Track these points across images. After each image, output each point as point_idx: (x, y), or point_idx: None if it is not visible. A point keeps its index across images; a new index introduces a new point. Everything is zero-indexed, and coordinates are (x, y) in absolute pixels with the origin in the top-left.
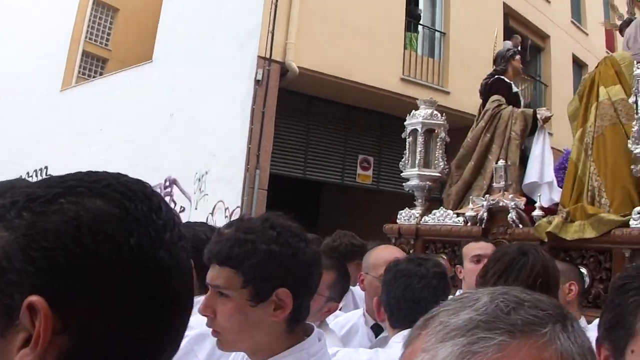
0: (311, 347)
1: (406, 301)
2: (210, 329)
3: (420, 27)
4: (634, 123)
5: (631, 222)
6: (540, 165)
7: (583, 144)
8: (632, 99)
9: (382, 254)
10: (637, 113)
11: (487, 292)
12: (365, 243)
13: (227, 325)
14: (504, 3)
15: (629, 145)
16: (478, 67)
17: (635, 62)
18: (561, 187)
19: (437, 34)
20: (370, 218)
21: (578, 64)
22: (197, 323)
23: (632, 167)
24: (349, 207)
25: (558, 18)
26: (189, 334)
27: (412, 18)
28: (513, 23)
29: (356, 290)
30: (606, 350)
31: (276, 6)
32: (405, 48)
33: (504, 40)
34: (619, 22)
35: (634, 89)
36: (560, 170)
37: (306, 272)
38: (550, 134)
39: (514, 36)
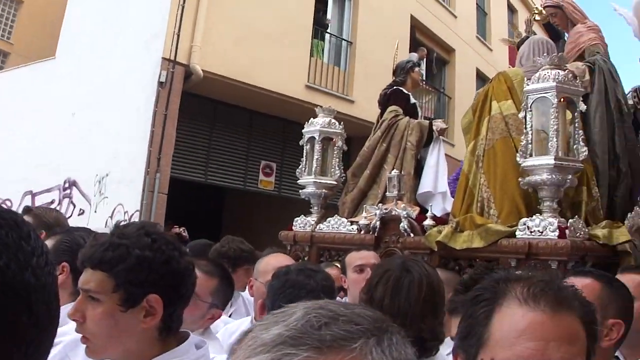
0: (184, 354)
1: None
2: None
3: (327, 36)
4: (522, 137)
5: (517, 233)
6: (435, 176)
7: (474, 156)
8: (522, 114)
9: (272, 261)
10: (526, 127)
11: (303, 307)
12: (253, 248)
13: (97, 330)
14: (412, 16)
15: (518, 159)
16: (383, 78)
17: (526, 78)
18: None
19: (344, 43)
20: (273, 224)
21: (481, 78)
22: (71, 329)
23: (520, 179)
24: (252, 213)
25: (464, 33)
26: (64, 339)
27: (319, 26)
28: (420, 36)
29: (247, 295)
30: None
31: (183, 7)
32: (311, 56)
33: (410, 52)
34: (517, 40)
35: (523, 104)
36: (457, 180)
37: (179, 280)
38: (453, 145)
39: (419, 48)
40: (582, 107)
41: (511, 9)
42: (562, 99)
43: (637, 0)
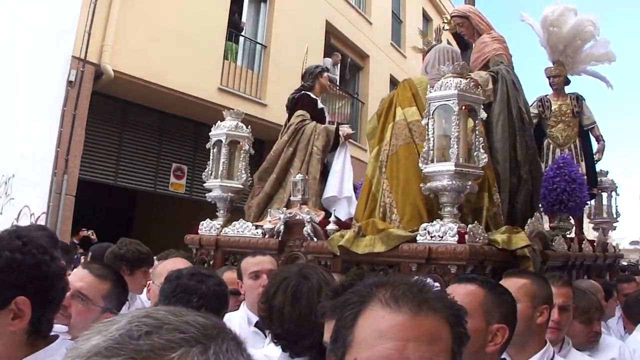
0: (53, 354)
1: None
2: None
3: (241, 39)
4: (425, 143)
5: (418, 238)
6: (340, 180)
7: (378, 162)
8: (424, 121)
9: (169, 266)
10: (428, 134)
11: (130, 315)
12: (150, 251)
13: None
14: (327, 21)
15: (420, 164)
16: (297, 82)
17: (430, 86)
18: None
19: (258, 47)
20: (184, 227)
21: (395, 84)
22: None
23: (422, 185)
24: (163, 215)
25: (378, 39)
26: None
27: (234, 29)
28: (334, 41)
29: (145, 298)
30: None
31: (95, 5)
32: (225, 58)
33: (324, 57)
34: (427, 48)
35: (426, 111)
36: None
37: (48, 284)
38: (365, 150)
39: (334, 54)
40: (483, 115)
41: (426, 18)
42: (463, 107)
43: (543, 15)
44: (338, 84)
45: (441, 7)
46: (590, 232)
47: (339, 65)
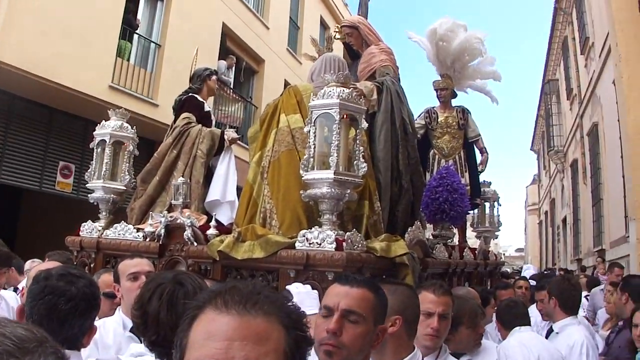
0: None
1: (51, 320)
2: None
3: (135, 37)
4: (306, 151)
5: (297, 244)
6: (224, 184)
7: (260, 167)
8: (306, 128)
9: (42, 267)
10: (309, 142)
11: None
12: (10, 252)
13: None
14: (224, 23)
15: (300, 171)
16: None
17: (313, 94)
18: None
19: (153, 46)
20: (71, 227)
21: None
22: None
23: (302, 192)
24: (50, 215)
25: (274, 44)
26: None
27: (128, 26)
28: (230, 43)
29: (8, 295)
30: None
31: None
32: (117, 56)
33: (219, 59)
34: (318, 56)
35: (308, 118)
36: None
37: None
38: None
39: (229, 56)
40: (364, 124)
41: (323, 25)
42: (344, 116)
43: (430, 28)
44: (232, 87)
45: (338, 14)
46: (474, 241)
47: (233, 68)
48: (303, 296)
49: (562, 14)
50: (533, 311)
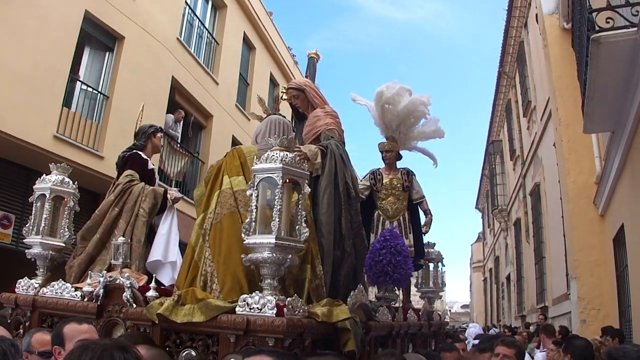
0: None
1: None
2: None
3: (83, 86)
4: (248, 214)
5: (237, 309)
6: (165, 245)
7: (202, 229)
8: (249, 192)
9: None
10: (251, 205)
11: None
12: None
13: None
14: (173, 77)
15: (242, 235)
16: None
17: (256, 157)
18: None
19: (100, 96)
20: (9, 279)
21: (237, 145)
22: None
23: (243, 256)
24: None
25: (223, 100)
26: None
27: (76, 75)
28: (179, 97)
29: None
30: None
31: None
32: (63, 105)
33: (167, 113)
34: (264, 115)
35: (250, 182)
36: None
37: None
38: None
39: (177, 110)
40: (307, 189)
41: (273, 82)
42: (287, 180)
43: (377, 91)
44: (180, 141)
45: (288, 72)
46: (418, 300)
47: (181, 122)
48: None
49: (506, 77)
50: None
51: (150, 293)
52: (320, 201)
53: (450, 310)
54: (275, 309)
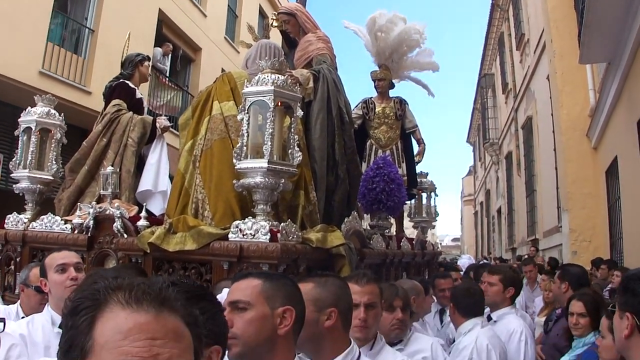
0: None
1: None
2: None
3: (68, 21)
4: (239, 139)
5: (230, 236)
6: (155, 174)
7: (192, 156)
8: (240, 116)
9: None
10: (243, 130)
11: None
12: None
13: None
14: (160, 10)
15: (233, 160)
16: None
17: (248, 81)
18: None
19: (86, 31)
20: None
21: None
22: None
23: (235, 181)
24: None
25: (212, 32)
26: None
27: (60, 10)
28: (167, 31)
29: None
30: None
31: None
32: (48, 40)
33: (155, 46)
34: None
35: (241, 106)
36: None
37: None
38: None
39: (165, 44)
40: (299, 112)
41: (262, 14)
42: (279, 104)
43: (370, 17)
44: (168, 75)
45: (278, 3)
46: (411, 231)
47: (170, 56)
48: None
49: (499, 10)
50: None
51: (141, 222)
52: (312, 127)
53: (441, 244)
54: (269, 234)
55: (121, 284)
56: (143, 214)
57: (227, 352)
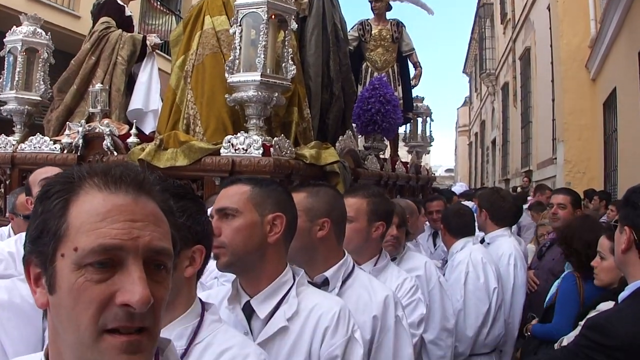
0: None
1: None
2: None
3: None
4: (231, 52)
5: (222, 151)
6: (146, 92)
7: (183, 72)
8: (232, 29)
9: None
10: (235, 43)
11: None
12: None
13: None
14: None
15: (225, 74)
16: None
17: None
18: None
19: None
20: None
21: None
22: None
23: (227, 96)
24: None
25: None
26: None
27: None
28: None
29: None
30: (35, 267)
31: None
32: None
33: None
34: None
35: (233, 18)
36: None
37: None
38: None
39: None
40: (294, 25)
41: None
42: (272, 16)
43: None
44: None
45: None
46: (406, 157)
47: None
48: None
49: None
50: None
51: (131, 139)
52: (307, 43)
53: (434, 174)
54: (262, 149)
55: (96, 168)
56: (133, 130)
57: (216, 261)
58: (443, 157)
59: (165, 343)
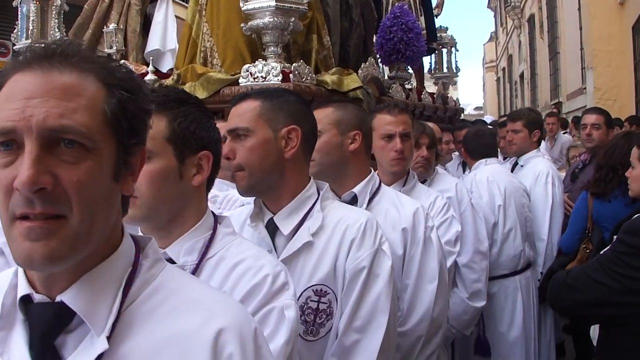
0: None
1: None
2: None
3: None
4: None
5: (241, 80)
6: (163, 33)
7: (198, 5)
8: None
9: None
10: None
11: None
12: None
13: None
14: None
15: (240, 3)
16: None
17: None
18: None
19: None
20: None
21: None
22: None
23: (243, 25)
24: None
25: None
26: None
27: None
28: None
29: None
30: None
31: None
32: None
33: None
34: None
35: None
36: None
37: None
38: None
39: None
40: None
41: None
42: None
43: None
44: None
45: None
46: (432, 90)
47: None
48: None
49: None
50: None
51: (149, 77)
52: None
53: (463, 112)
54: (281, 75)
55: (26, 50)
56: (150, 68)
57: (235, 185)
58: (471, 95)
59: (145, 240)
